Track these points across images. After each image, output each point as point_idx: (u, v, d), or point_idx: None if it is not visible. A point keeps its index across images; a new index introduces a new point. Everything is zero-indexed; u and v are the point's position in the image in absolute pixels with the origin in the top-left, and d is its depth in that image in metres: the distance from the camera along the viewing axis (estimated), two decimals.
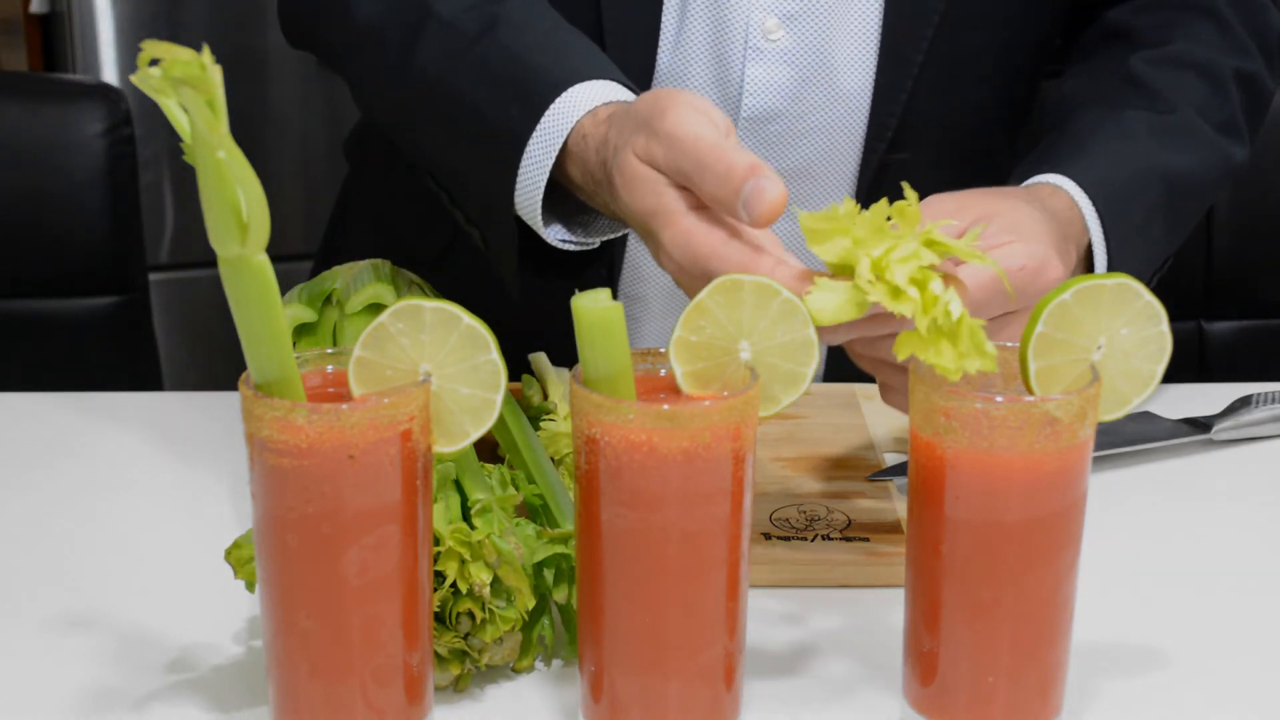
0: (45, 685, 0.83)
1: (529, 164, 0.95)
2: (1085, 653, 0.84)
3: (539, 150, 0.94)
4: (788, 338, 0.75)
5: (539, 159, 0.94)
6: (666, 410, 0.71)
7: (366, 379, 0.73)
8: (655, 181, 0.86)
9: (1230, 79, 1.16)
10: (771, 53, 1.15)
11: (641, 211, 0.86)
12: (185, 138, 0.69)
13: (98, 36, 2.55)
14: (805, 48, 1.15)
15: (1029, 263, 0.88)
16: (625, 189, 0.87)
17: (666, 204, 0.85)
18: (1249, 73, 1.17)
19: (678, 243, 0.84)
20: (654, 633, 0.73)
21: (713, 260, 0.83)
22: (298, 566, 0.72)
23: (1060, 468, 0.74)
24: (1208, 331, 1.71)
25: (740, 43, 1.14)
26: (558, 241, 0.98)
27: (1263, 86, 1.19)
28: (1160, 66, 1.14)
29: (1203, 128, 1.12)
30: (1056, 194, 1.01)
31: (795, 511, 0.99)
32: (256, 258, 0.68)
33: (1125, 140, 1.08)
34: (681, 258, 0.84)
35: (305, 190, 2.65)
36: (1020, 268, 0.88)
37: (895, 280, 0.75)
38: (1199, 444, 1.13)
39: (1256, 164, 1.67)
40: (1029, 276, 0.88)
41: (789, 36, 1.14)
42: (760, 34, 1.14)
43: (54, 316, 1.64)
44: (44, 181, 1.62)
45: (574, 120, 0.93)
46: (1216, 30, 1.17)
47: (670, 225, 0.85)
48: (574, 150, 0.93)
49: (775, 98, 1.16)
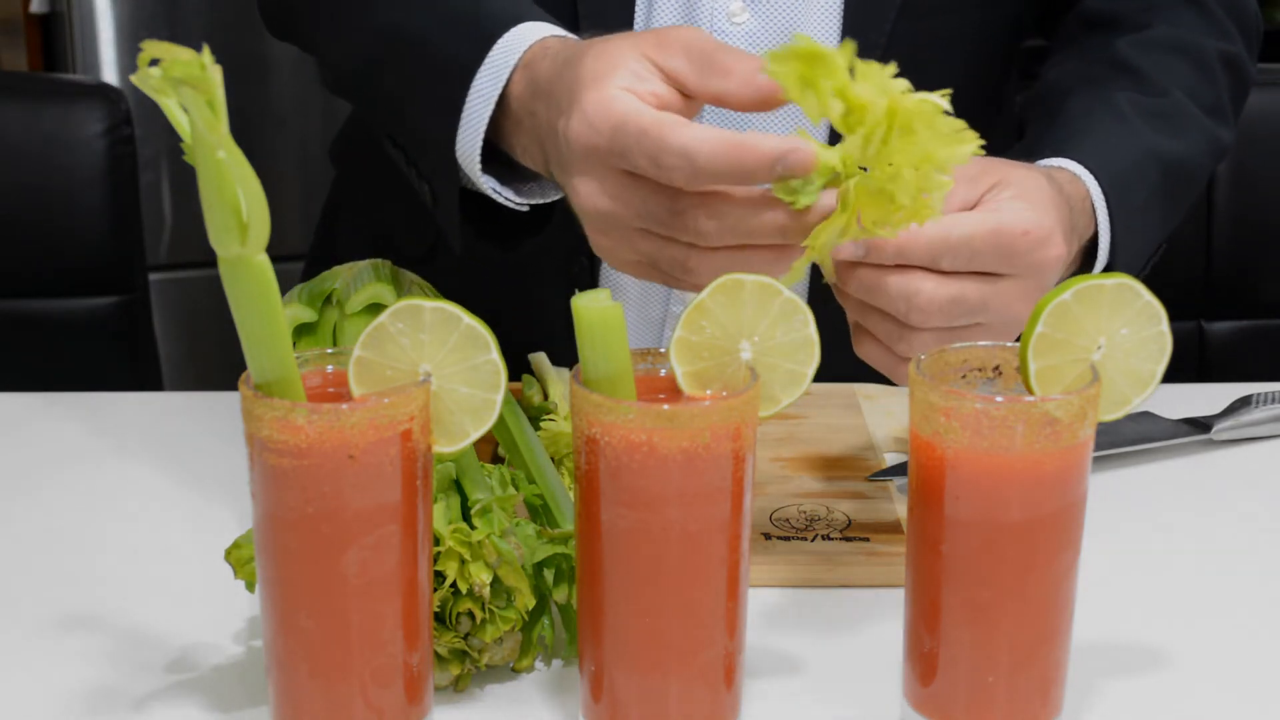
0: (45, 685, 0.83)
1: (474, 99, 0.95)
2: (1085, 653, 0.84)
3: (485, 84, 0.94)
4: (788, 338, 0.75)
5: (484, 94, 0.94)
6: (666, 410, 0.71)
7: (366, 379, 0.73)
8: (627, 61, 0.84)
9: (1216, 61, 1.16)
10: (736, 35, 1.15)
11: (587, 76, 0.84)
12: (185, 138, 0.69)
13: (98, 36, 2.55)
14: (769, 30, 1.15)
15: (1035, 230, 0.88)
16: (593, 57, 0.85)
17: (615, 74, 0.84)
18: (1232, 54, 1.17)
19: (603, 103, 0.82)
20: (654, 633, 0.73)
21: (629, 116, 0.81)
22: (298, 566, 0.72)
23: (1060, 468, 0.74)
24: (1208, 331, 1.71)
25: (706, 25, 1.15)
26: (490, 190, 0.98)
27: (1245, 68, 1.19)
28: (1147, 50, 1.14)
29: (1194, 111, 1.12)
30: (1075, 182, 1.00)
31: (795, 511, 0.99)
32: (256, 258, 0.68)
33: (1121, 124, 1.08)
34: (596, 114, 0.82)
35: (304, 190, 2.65)
36: (1024, 232, 0.87)
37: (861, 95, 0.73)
38: (1199, 444, 1.13)
39: (1257, 164, 1.67)
40: (1031, 243, 0.88)
41: (753, 19, 1.15)
42: (725, 16, 1.15)
43: (54, 316, 1.64)
44: (44, 181, 1.62)
45: (520, 53, 0.93)
46: (1197, 13, 1.17)
47: (601, 90, 0.83)
48: (529, 62, 0.93)
49: None
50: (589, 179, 0.85)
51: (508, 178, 0.99)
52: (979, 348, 0.79)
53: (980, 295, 0.87)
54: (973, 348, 0.79)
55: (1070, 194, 0.98)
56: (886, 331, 0.89)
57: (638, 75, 0.84)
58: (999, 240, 0.86)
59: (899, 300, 0.86)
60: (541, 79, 0.91)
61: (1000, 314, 0.89)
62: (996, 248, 0.86)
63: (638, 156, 0.81)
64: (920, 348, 0.87)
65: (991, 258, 0.87)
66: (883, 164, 0.75)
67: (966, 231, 0.86)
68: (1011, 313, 0.89)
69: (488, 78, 0.94)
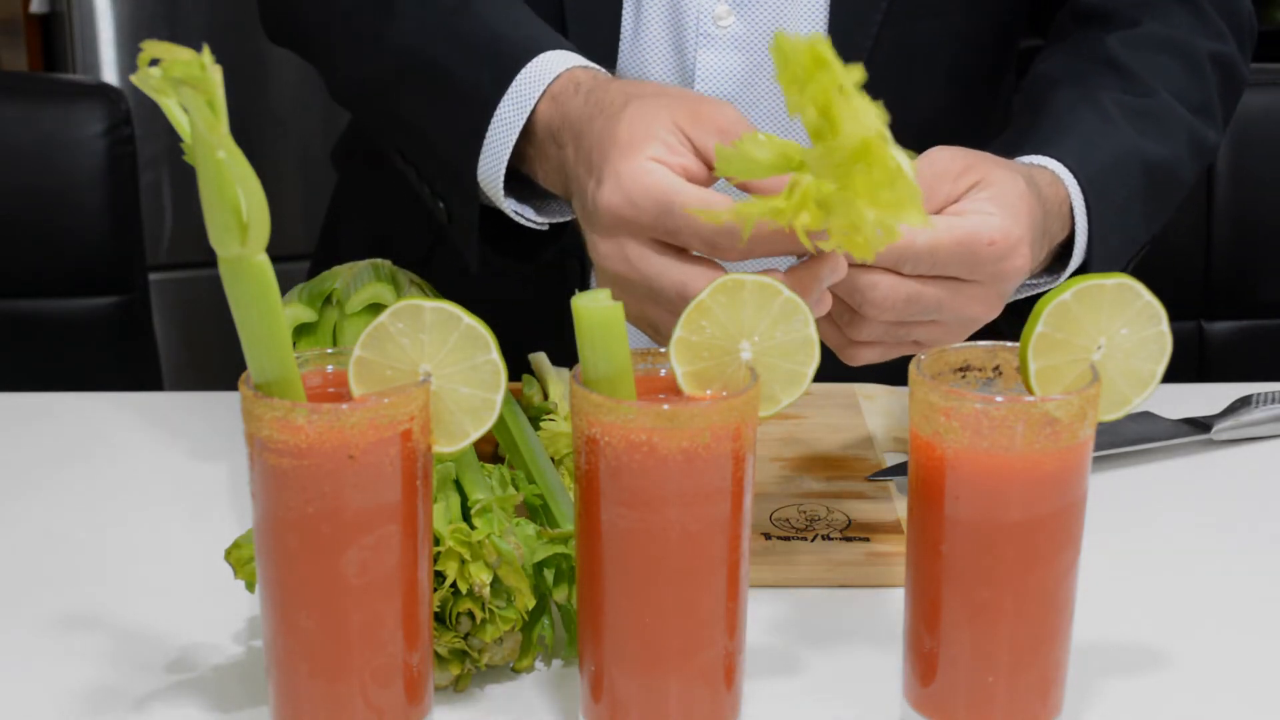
0: (45, 685, 0.83)
1: (497, 125, 0.96)
2: (1085, 653, 0.84)
3: (508, 112, 0.95)
4: (788, 337, 0.75)
5: (508, 121, 0.95)
6: (666, 410, 0.71)
7: (366, 379, 0.73)
8: (661, 131, 0.86)
9: (1206, 60, 1.15)
10: (722, 39, 1.15)
11: (622, 139, 0.86)
12: (185, 138, 0.69)
13: (98, 36, 2.55)
14: (755, 33, 1.15)
15: (1001, 241, 0.88)
16: (628, 120, 0.86)
17: (649, 144, 0.85)
18: (1224, 55, 1.17)
19: (636, 174, 0.84)
20: (654, 633, 0.73)
21: (670, 192, 0.83)
22: (298, 566, 0.72)
23: (1060, 468, 0.74)
24: (1208, 331, 1.71)
25: (693, 29, 1.15)
26: (512, 213, 0.99)
27: (1237, 70, 1.18)
28: (1137, 48, 1.14)
29: (1179, 112, 1.11)
30: (1055, 184, 1.00)
31: (795, 511, 0.99)
32: (256, 258, 0.68)
33: (1104, 124, 1.07)
34: (633, 187, 0.84)
35: (305, 190, 2.65)
36: (990, 242, 0.88)
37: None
38: (1199, 444, 1.13)
39: (1256, 164, 1.67)
40: (996, 253, 0.88)
41: (739, 23, 1.15)
42: (711, 20, 1.15)
43: (54, 316, 1.64)
44: (44, 181, 1.62)
45: (544, 84, 0.94)
46: (1191, 12, 1.17)
47: (634, 158, 0.84)
48: (557, 94, 0.94)
49: (727, 84, 1.16)
50: (612, 243, 0.86)
51: (526, 195, 1.00)
52: (979, 348, 0.79)
53: (936, 297, 0.88)
54: (973, 348, 0.79)
55: (1048, 197, 0.98)
56: (838, 312, 0.89)
57: (670, 147, 0.86)
58: (964, 250, 0.87)
59: (854, 292, 0.87)
60: (573, 115, 0.92)
61: (955, 314, 0.89)
62: (960, 256, 0.87)
63: (689, 237, 0.83)
64: (869, 335, 0.89)
65: (954, 265, 0.87)
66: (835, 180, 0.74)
67: (932, 240, 0.86)
68: (966, 314, 0.90)
69: (511, 106, 0.96)
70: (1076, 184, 1.01)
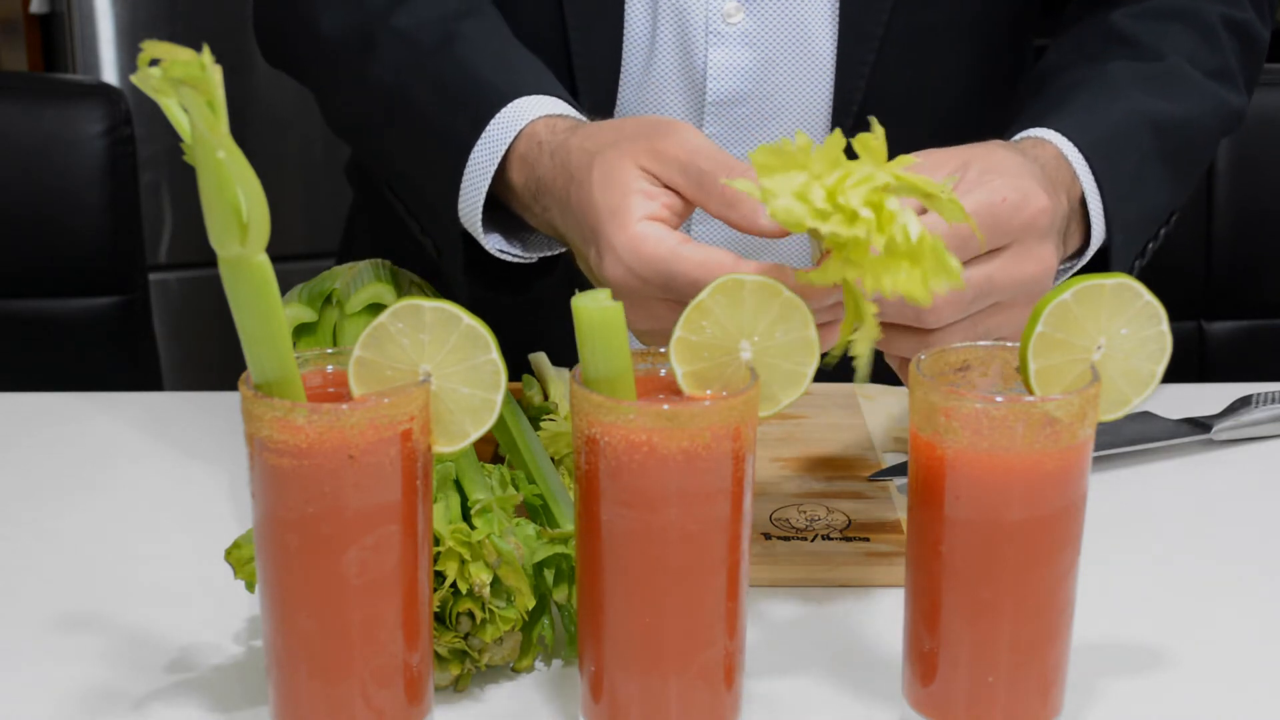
0: (45, 685, 0.83)
1: (472, 171, 0.97)
2: (1085, 653, 0.84)
3: (483, 157, 0.97)
4: (788, 337, 0.75)
5: (482, 167, 0.97)
6: (666, 410, 0.71)
7: (366, 379, 0.73)
8: (632, 182, 0.86)
9: (1219, 25, 1.13)
10: (732, 36, 1.15)
11: (603, 209, 0.86)
12: (185, 138, 0.69)
13: (98, 36, 2.55)
14: (765, 29, 1.15)
15: (1011, 195, 0.87)
16: (599, 184, 0.87)
17: (630, 204, 0.86)
18: (1239, 20, 1.15)
19: (632, 245, 0.85)
20: (654, 633, 0.73)
21: (671, 261, 0.83)
22: (298, 566, 0.72)
23: (1060, 468, 0.74)
24: (1208, 331, 1.71)
25: (701, 27, 1.15)
26: (496, 251, 1.00)
27: (1256, 34, 1.16)
28: (1143, 19, 1.12)
29: (1193, 74, 1.10)
30: (1040, 144, 0.99)
31: (795, 511, 0.99)
32: (256, 258, 0.68)
33: (1107, 89, 1.05)
34: (633, 260, 0.85)
35: (305, 190, 2.65)
36: (1002, 200, 0.87)
37: (850, 204, 0.72)
38: (1199, 444, 1.13)
39: (1256, 164, 1.67)
40: (1011, 208, 0.87)
41: (748, 19, 1.15)
42: (720, 17, 1.15)
43: (54, 316, 1.64)
44: (44, 181, 1.62)
45: (517, 129, 0.95)
46: None
47: (625, 228, 0.85)
48: (524, 154, 0.95)
49: (739, 80, 1.16)
50: (631, 309, 0.86)
51: (516, 227, 1.01)
52: (979, 348, 0.79)
53: (983, 274, 0.87)
54: (973, 348, 0.79)
55: (1036, 155, 0.96)
56: (911, 347, 0.87)
57: (647, 194, 0.86)
58: (982, 219, 0.85)
59: (906, 308, 0.85)
60: (546, 180, 0.93)
61: (1010, 287, 0.88)
62: (984, 227, 0.85)
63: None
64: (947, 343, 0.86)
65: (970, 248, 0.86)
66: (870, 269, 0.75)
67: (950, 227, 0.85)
68: (1021, 279, 0.88)
69: (484, 151, 0.97)
70: (1077, 150, 0.99)
